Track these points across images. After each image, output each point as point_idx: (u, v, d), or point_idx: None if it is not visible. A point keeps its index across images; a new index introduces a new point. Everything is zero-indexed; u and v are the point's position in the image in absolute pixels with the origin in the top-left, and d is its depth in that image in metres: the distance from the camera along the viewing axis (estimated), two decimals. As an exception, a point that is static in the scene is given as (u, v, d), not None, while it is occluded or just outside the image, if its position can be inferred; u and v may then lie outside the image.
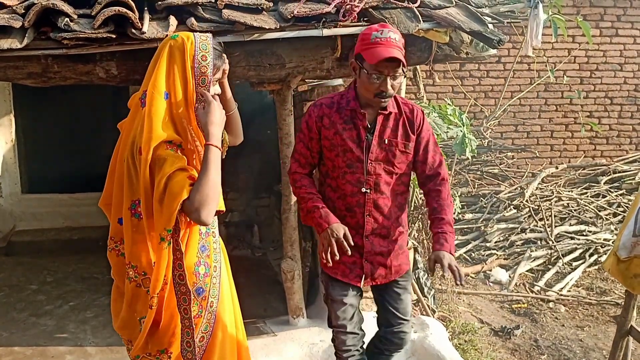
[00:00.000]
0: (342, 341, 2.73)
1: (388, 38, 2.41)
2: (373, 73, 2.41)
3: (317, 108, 2.63)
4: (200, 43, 2.04)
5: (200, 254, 2.14)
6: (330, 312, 2.75)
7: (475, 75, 6.81)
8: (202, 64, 2.03)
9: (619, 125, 7.23)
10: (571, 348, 4.19)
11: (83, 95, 5.57)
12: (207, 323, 2.15)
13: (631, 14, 7.00)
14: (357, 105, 2.57)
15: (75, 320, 3.99)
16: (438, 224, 2.59)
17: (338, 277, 2.67)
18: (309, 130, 2.63)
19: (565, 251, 5.66)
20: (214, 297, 2.17)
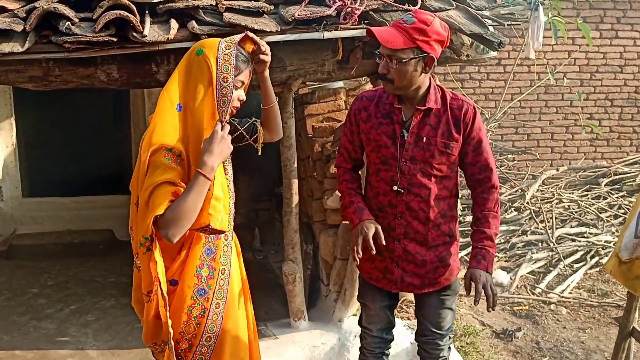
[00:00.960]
0: (368, 342, 2.72)
1: (401, 19, 2.31)
2: (377, 52, 2.38)
3: (358, 101, 2.57)
4: (222, 65, 2.02)
5: (204, 256, 2.15)
6: (362, 312, 2.76)
7: (475, 78, 6.84)
8: (224, 85, 2.01)
9: (619, 127, 7.25)
10: (573, 350, 4.18)
11: (84, 98, 5.57)
12: (213, 324, 2.17)
13: (631, 16, 7.04)
14: (395, 99, 2.44)
15: (77, 324, 3.98)
16: (478, 237, 2.44)
17: (372, 282, 2.60)
18: (350, 123, 2.57)
19: (566, 253, 5.65)
20: (220, 298, 2.18)
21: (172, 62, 3.07)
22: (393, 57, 2.29)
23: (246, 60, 2.11)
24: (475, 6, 3.12)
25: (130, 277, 5.14)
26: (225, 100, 2.03)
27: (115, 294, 4.49)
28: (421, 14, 2.33)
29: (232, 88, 2.03)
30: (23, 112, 5.88)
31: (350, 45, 3.17)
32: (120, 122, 6.21)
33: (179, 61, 2.98)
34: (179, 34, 2.83)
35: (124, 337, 3.80)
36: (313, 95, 4.08)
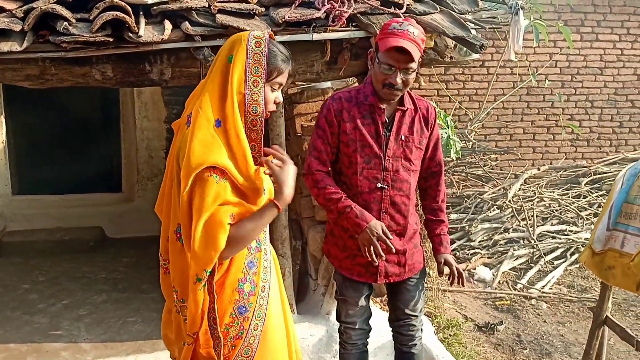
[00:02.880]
0: (350, 336, 2.81)
1: (405, 31, 2.40)
2: (384, 63, 2.43)
3: (335, 102, 2.60)
4: (252, 66, 1.88)
5: (247, 269, 2.00)
6: (341, 308, 2.81)
7: (459, 79, 6.95)
8: (254, 90, 1.88)
9: (599, 127, 7.40)
10: (552, 343, 4.32)
11: (74, 97, 5.63)
12: (249, 347, 2.01)
13: (611, 20, 7.18)
14: (376, 100, 2.56)
15: (69, 318, 4.04)
16: (439, 225, 2.73)
17: (354, 277, 2.69)
18: (329, 124, 2.58)
19: (547, 250, 5.80)
20: (259, 319, 2.01)
21: (165, 61, 3.15)
22: (409, 68, 2.45)
23: (286, 60, 1.97)
24: (458, 10, 3.24)
25: (121, 273, 5.23)
26: (256, 107, 1.89)
27: (107, 290, 4.56)
28: (413, 22, 2.50)
29: (263, 94, 1.89)
30: (13, 110, 5.91)
31: (339, 46, 3.26)
32: (110, 121, 6.27)
33: (172, 60, 3.14)
34: (172, 34, 2.91)
35: (116, 330, 3.87)
36: (302, 95, 4.17)
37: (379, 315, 3.86)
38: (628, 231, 2.40)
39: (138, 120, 6.06)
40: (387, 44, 2.40)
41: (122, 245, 5.63)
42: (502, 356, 4.08)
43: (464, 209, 6.26)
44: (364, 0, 3.11)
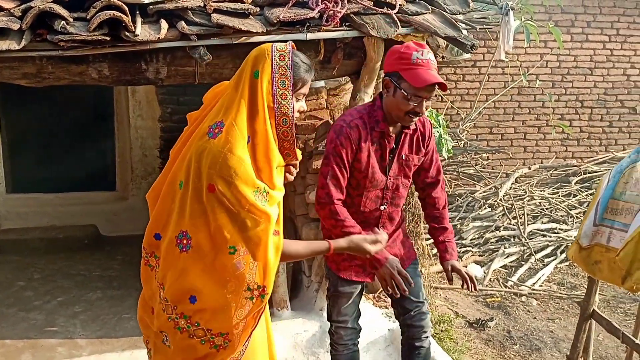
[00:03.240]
0: (341, 336, 2.84)
1: (428, 60, 2.40)
2: (414, 95, 2.40)
3: (353, 131, 2.55)
4: (279, 80, 1.90)
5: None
6: (333, 307, 2.84)
7: (451, 79, 7.01)
8: (282, 103, 1.90)
9: (589, 127, 7.50)
10: (542, 339, 4.38)
11: (68, 96, 5.65)
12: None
13: (601, 20, 7.28)
14: (387, 127, 2.56)
15: (65, 315, 4.06)
16: (443, 232, 2.76)
17: (352, 278, 2.75)
18: (347, 153, 2.54)
19: (537, 248, 5.86)
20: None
21: (160, 60, 3.19)
22: (431, 96, 2.48)
23: (309, 70, 1.99)
24: (449, 10, 3.29)
25: (116, 271, 5.24)
26: (286, 120, 1.91)
27: (102, 287, 4.58)
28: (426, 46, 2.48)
29: (292, 106, 1.91)
30: (7, 109, 5.92)
31: (332, 46, 3.31)
32: (104, 120, 6.29)
33: (168, 59, 3.18)
34: (168, 33, 2.95)
35: (111, 327, 3.90)
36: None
37: (372, 311, 3.93)
38: (614, 226, 2.47)
39: (132, 119, 6.08)
40: (418, 78, 2.36)
41: (117, 243, 5.65)
42: (492, 352, 4.15)
43: (455, 207, 6.33)
44: (357, 1, 3.16)
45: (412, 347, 2.89)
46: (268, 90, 1.88)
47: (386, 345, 3.69)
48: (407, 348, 2.92)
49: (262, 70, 1.89)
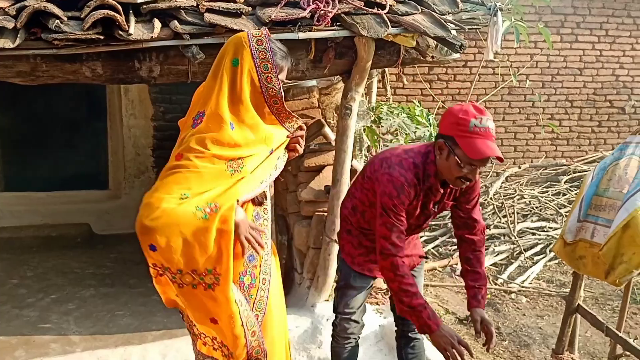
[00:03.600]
0: (345, 328, 2.87)
1: (487, 128, 2.31)
2: (468, 164, 2.35)
3: (412, 189, 2.51)
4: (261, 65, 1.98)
5: (247, 263, 2.09)
6: (341, 299, 2.86)
7: (443, 79, 7.08)
8: (269, 86, 1.99)
9: (578, 127, 7.58)
10: (531, 335, 4.44)
11: (61, 94, 5.67)
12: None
13: (590, 21, 7.36)
14: (436, 182, 2.53)
15: (58, 312, 4.09)
16: (475, 277, 2.68)
17: (365, 272, 2.79)
18: (405, 208, 2.50)
19: (527, 246, 5.91)
20: (259, 310, 2.11)
21: (154, 59, 3.22)
22: (486, 165, 2.44)
23: (285, 56, 2.07)
24: (439, 11, 3.34)
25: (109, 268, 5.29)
26: (276, 100, 1.99)
27: (95, 284, 4.61)
28: (488, 113, 2.39)
29: (279, 87, 1.98)
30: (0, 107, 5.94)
31: (323, 45, 3.35)
32: (97, 119, 6.31)
33: (161, 58, 3.21)
34: (162, 32, 2.97)
35: (105, 323, 3.93)
36: (287, 93, 4.25)
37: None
38: (597, 222, 2.53)
39: (125, 118, 6.11)
40: (475, 150, 2.30)
41: (110, 241, 5.68)
42: (481, 348, 4.20)
43: (446, 206, 6.37)
44: (348, 1, 3.20)
45: (407, 339, 2.95)
46: (250, 76, 1.95)
47: (377, 340, 3.74)
48: (403, 341, 2.99)
49: (242, 58, 1.96)
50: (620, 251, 2.33)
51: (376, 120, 4.65)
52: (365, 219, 2.71)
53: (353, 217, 2.77)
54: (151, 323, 3.93)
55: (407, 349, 2.99)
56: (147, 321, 3.95)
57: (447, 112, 2.46)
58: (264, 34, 2.01)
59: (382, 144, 4.88)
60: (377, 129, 4.77)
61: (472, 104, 2.41)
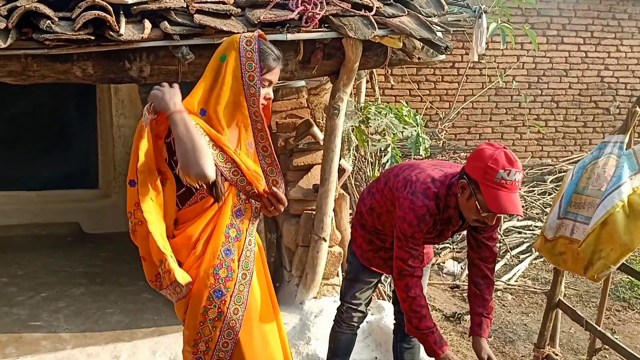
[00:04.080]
0: (351, 317, 2.99)
1: (513, 182, 2.27)
2: (487, 211, 2.33)
3: (432, 218, 2.50)
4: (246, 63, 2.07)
5: (223, 256, 2.14)
6: (348, 290, 2.96)
7: (430, 80, 7.15)
8: (250, 84, 2.07)
9: (564, 127, 7.68)
10: (516, 331, 4.52)
11: (50, 94, 5.67)
12: (230, 329, 2.15)
13: (575, 23, 7.45)
14: (456, 214, 2.52)
15: (48, 310, 4.11)
16: (483, 304, 2.67)
17: (372, 267, 2.88)
18: (422, 233, 2.52)
19: (513, 244, 6.00)
20: (239, 304, 2.15)
21: (144, 59, 3.26)
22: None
23: (277, 59, 2.15)
24: (425, 13, 3.40)
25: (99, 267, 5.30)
26: (254, 100, 2.07)
27: (85, 283, 4.63)
28: (519, 164, 2.34)
29: (258, 87, 2.06)
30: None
31: (312, 46, 3.40)
32: (86, 118, 6.33)
33: (151, 58, 3.26)
34: (152, 33, 3.01)
35: (95, 321, 3.97)
36: (277, 93, 4.30)
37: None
38: (577, 219, 2.60)
39: (115, 117, 6.12)
40: (497, 203, 2.28)
41: (99, 240, 5.70)
42: (467, 344, 4.26)
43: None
44: (336, 3, 3.25)
45: (404, 334, 2.99)
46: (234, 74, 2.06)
47: (364, 337, 3.80)
48: (400, 335, 3.07)
49: (229, 54, 2.08)
50: (598, 247, 2.41)
51: (364, 120, 4.70)
52: (380, 221, 2.78)
53: (369, 216, 2.83)
54: (141, 320, 3.97)
55: (402, 342, 3.08)
56: (137, 319, 3.99)
57: (478, 152, 2.39)
58: (254, 35, 2.11)
59: (371, 143, 4.94)
60: (366, 129, 4.83)
61: (505, 152, 2.33)
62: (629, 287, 5.28)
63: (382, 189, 2.74)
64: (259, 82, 2.07)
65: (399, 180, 2.62)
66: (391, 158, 4.57)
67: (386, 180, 2.73)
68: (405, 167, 2.71)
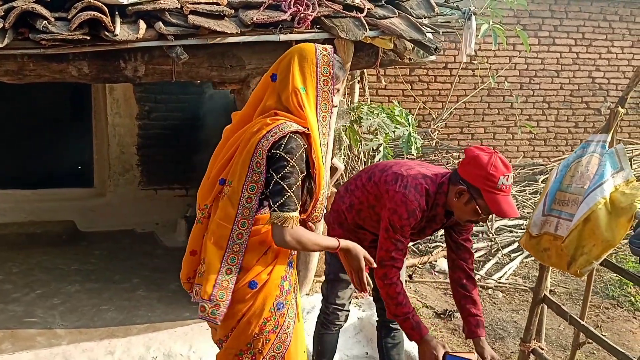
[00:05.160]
0: (337, 316, 3.04)
1: (509, 186, 2.42)
2: (485, 212, 2.45)
3: (420, 212, 2.58)
4: (322, 67, 2.10)
5: (287, 268, 2.14)
6: (331, 291, 3.01)
7: (424, 80, 7.21)
8: (324, 88, 2.11)
9: (555, 127, 7.75)
10: (506, 328, 4.58)
11: (46, 93, 5.72)
12: (281, 343, 2.12)
13: (567, 24, 7.53)
14: (443, 212, 2.62)
15: (43, 307, 4.15)
16: (473, 304, 2.75)
17: None
18: (410, 227, 2.60)
19: (504, 243, 6.04)
20: (291, 317, 2.14)
21: (139, 59, 3.32)
22: None
23: (342, 67, 2.19)
24: (415, 15, 3.47)
25: (94, 265, 5.33)
26: (326, 104, 2.11)
27: (80, 280, 4.66)
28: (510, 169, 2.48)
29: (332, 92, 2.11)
30: (-15, 105, 5.98)
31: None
32: (82, 117, 6.37)
33: (146, 58, 3.31)
34: (146, 33, 3.07)
35: (90, 317, 4.00)
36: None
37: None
38: (561, 216, 2.66)
39: (110, 117, 6.16)
40: (499, 208, 2.40)
41: (94, 238, 5.73)
42: (458, 340, 4.33)
43: (426, 204, 6.49)
44: (327, 4, 3.31)
45: (388, 329, 3.08)
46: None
47: (355, 332, 3.86)
48: (384, 331, 3.12)
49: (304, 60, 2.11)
50: (581, 243, 2.47)
51: (357, 120, 4.76)
52: (360, 216, 2.82)
53: (349, 214, 2.86)
54: (135, 317, 4.01)
55: (387, 338, 3.13)
56: (131, 315, 4.04)
57: (474, 159, 2.46)
58: (330, 50, 2.15)
59: (364, 143, 5.00)
60: (359, 128, 4.89)
61: (500, 157, 2.45)
62: (618, 285, 5.34)
63: (364, 184, 2.79)
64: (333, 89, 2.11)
65: (388, 175, 2.67)
66: (383, 157, 4.63)
67: (370, 176, 2.78)
68: (392, 164, 2.77)
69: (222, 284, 2.02)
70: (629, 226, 2.43)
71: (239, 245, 2.04)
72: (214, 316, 2.03)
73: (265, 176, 2.01)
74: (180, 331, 3.72)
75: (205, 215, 2.17)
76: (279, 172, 1.98)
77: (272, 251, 2.07)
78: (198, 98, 6.12)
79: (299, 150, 2.00)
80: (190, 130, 6.10)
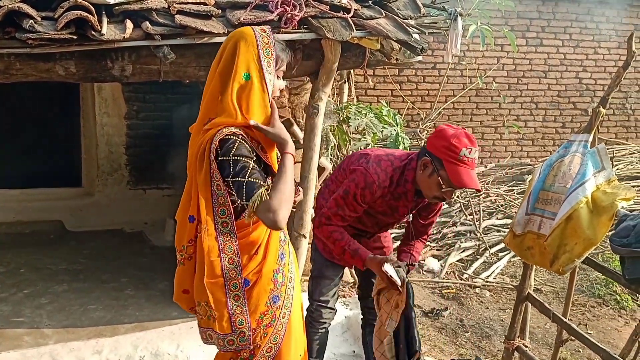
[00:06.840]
0: (321, 314, 3.05)
1: (474, 160, 2.48)
2: (449, 186, 2.52)
3: (380, 190, 2.66)
4: (264, 49, 2.10)
5: (279, 261, 2.16)
6: (316, 288, 3.04)
7: (412, 80, 7.25)
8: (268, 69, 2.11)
9: (543, 128, 7.82)
10: (493, 327, 4.62)
11: (34, 92, 5.70)
12: (277, 334, 2.16)
13: (554, 26, 7.60)
14: (413, 190, 2.68)
15: (31, 306, 4.14)
16: (410, 250, 2.98)
17: (334, 260, 2.96)
18: (365, 203, 2.69)
19: (492, 243, 6.07)
20: (286, 308, 2.17)
21: (126, 58, 3.31)
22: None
23: (284, 49, 2.21)
24: (402, 15, 3.49)
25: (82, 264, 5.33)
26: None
27: (68, 280, 4.66)
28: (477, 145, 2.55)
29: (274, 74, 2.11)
30: (-27, 105, 5.95)
31: (291, 47, 3.46)
32: (70, 116, 6.36)
33: (133, 58, 3.31)
34: (133, 33, 3.06)
35: (77, 317, 4.00)
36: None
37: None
38: (544, 215, 2.69)
39: (98, 116, 6.15)
40: (460, 178, 2.48)
41: (82, 238, 5.72)
42: (445, 338, 4.37)
43: (415, 204, 6.53)
44: (314, 5, 3.33)
45: (372, 327, 3.09)
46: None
47: (343, 331, 3.88)
48: (368, 329, 3.16)
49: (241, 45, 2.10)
50: (563, 241, 2.50)
51: (345, 120, 4.79)
52: None
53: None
54: (123, 316, 4.02)
55: (371, 336, 3.14)
56: (119, 314, 4.04)
57: (440, 132, 2.56)
58: (268, 28, 2.18)
59: (352, 142, 5.02)
60: (347, 128, 4.91)
61: (465, 132, 2.54)
62: (604, 284, 5.40)
63: (335, 177, 2.91)
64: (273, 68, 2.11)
65: (354, 156, 2.82)
66: (371, 157, 4.64)
67: (340, 167, 2.92)
68: (362, 150, 2.93)
69: (235, 311, 2.07)
70: (610, 224, 2.47)
71: (235, 271, 2.08)
72: (243, 343, 2.10)
73: (224, 184, 2.04)
74: (167, 330, 3.73)
75: (185, 257, 2.18)
76: (229, 173, 2.00)
77: (261, 249, 2.10)
78: (186, 98, 6.12)
79: (235, 144, 2.01)
80: (179, 130, 6.09)
